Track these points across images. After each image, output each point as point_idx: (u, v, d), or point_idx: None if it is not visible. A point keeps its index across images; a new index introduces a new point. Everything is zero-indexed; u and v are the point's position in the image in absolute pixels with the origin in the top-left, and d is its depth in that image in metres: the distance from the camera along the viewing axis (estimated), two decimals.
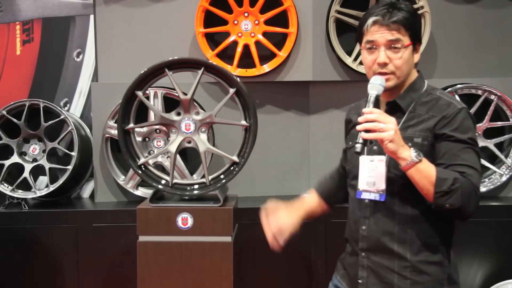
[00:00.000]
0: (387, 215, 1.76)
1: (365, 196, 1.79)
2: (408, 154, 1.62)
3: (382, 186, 1.75)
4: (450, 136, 1.70)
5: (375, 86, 1.71)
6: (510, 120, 3.07)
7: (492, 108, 3.04)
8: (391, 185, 1.74)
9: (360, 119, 1.63)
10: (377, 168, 1.76)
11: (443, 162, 1.68)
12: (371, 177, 1.77)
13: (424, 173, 1.62)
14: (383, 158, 1.74)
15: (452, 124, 1.71)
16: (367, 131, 1.61)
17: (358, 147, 1.63)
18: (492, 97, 3.04)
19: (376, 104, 1.70)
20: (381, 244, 1.76)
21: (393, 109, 1.77)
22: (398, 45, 1.73)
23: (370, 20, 1.74)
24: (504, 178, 3.07)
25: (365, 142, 1.63)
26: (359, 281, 1.81)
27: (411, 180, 1.65)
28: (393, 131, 1.59)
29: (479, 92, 3.03)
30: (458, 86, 3.02)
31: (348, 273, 1.87)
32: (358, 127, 1.62)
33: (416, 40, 1.77)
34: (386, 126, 1.59)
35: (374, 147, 1.77)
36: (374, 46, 1.75)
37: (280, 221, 1.92)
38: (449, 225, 1.80)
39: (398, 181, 1.73)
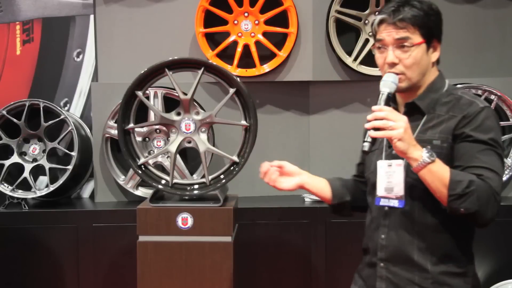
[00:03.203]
0: (407, 222, 1.67)
1: (384, 203, 1.69)
2: (419, 154, 1.53)
3: (401, 192, 1.65)
4: (469, 135, 1.59)
5: (387, 83, 1.63)
6: (510, 120, 3.07)
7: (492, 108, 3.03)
8: (409, 191, 1.65)
9: (369, 117, 1.55)
10: (395, 172, 1.66)
11: (460, 164, 1.58)
12: (390, 182, 1.67)
13: (437, 175, 1.53)
14: (401, 162, 1.65)
15: (472, 124, 1.60)
16: (376, 129, 1.53)
17: (366, 145, 1.56)
18: (492, 97, 3.03)
19: (388, 103, 1.61)
20: (401, 254, 1.67)
21: (412, 110, 1.69)
22: (406, 43, 1.64)
23: (378, 19, 1.68)
24: (504, 178, 3.07)
25: (373, 141, 1.56)
26: None
27: (424, 182, 1.57)
28: (403, 129, 1.51)
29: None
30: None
31: (367, 285, 1.78)
32: (367, 125, 1.54)
33: (431, 37, 1.68)
34: (396, 124, 1.51)
35: (393, 151, 1.64)
36: (384, 46, 1.68)
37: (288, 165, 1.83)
38: (470, 235, 1.72)
39: (416, 186, 1.64)
